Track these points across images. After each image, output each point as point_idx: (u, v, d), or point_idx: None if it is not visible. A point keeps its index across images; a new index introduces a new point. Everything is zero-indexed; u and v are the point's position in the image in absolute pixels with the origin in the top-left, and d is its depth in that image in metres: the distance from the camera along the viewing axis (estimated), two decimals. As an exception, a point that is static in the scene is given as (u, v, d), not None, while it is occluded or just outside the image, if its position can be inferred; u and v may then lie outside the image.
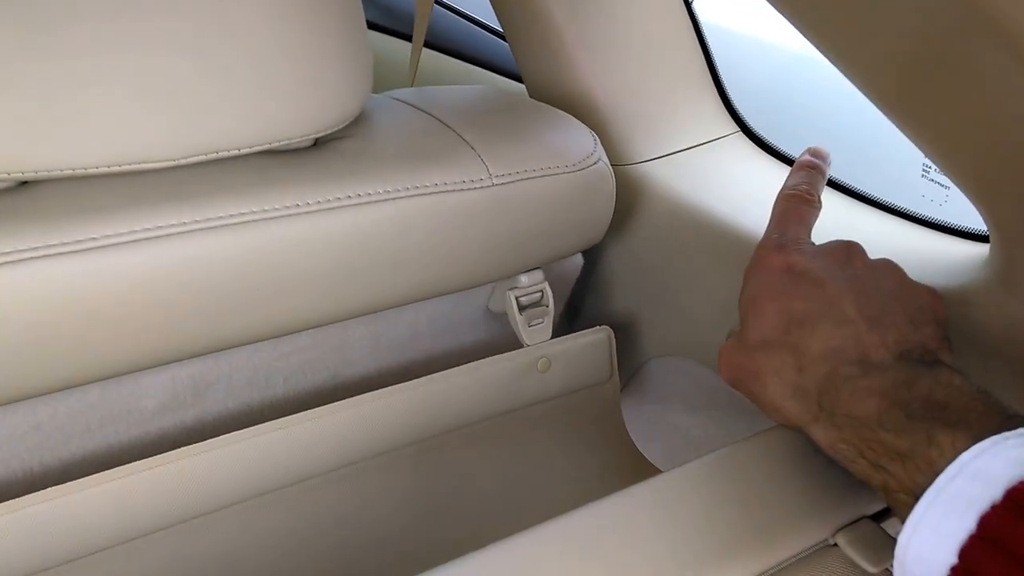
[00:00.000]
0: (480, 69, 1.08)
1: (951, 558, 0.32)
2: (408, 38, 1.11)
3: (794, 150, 0.73)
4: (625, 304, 0.75)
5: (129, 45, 0.43)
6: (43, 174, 0.43)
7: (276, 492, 0.54)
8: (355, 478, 0.56)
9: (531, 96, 0.76)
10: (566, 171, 0.59)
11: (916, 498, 0.34)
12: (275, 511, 0.54)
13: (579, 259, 0.71)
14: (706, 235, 0.66)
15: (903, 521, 0.35)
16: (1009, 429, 0.34)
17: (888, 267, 0.46)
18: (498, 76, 1.06)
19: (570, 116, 0.65)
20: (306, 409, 0.54)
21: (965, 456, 0.33)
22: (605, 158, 0.62)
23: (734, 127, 0.76)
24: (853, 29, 0.42)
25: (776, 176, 0.71)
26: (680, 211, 0.69)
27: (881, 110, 0.46)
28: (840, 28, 0.43)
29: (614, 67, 0.71)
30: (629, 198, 0.71)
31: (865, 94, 0.46)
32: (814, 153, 0.52)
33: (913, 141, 0.47)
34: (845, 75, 0.45)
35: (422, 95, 0.64)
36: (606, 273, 0.76)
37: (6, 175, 0.42)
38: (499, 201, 0.56)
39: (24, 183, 0.45)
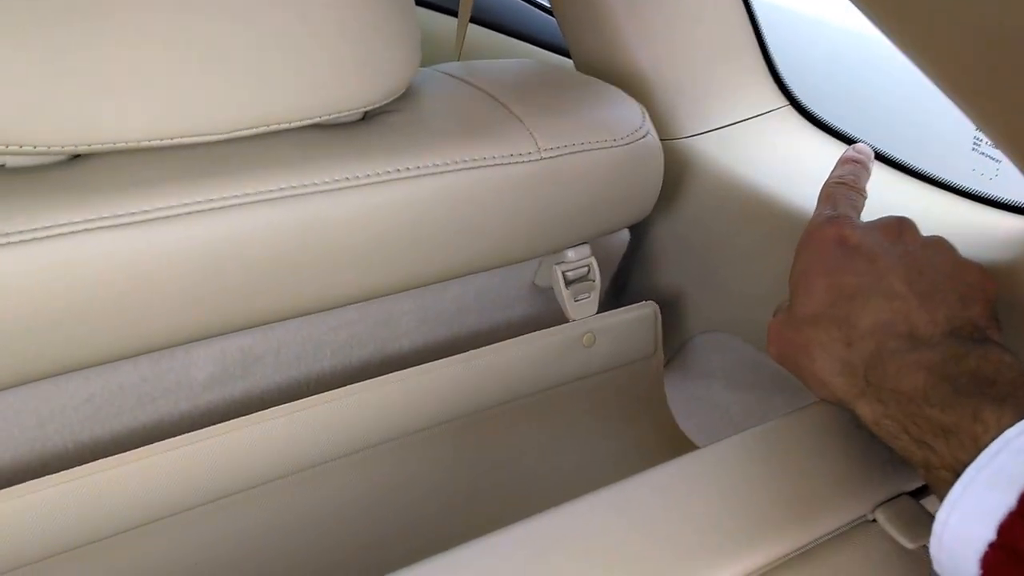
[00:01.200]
0: (525, 43, 1.08)
1: (989, 534, 0.31)
2: (454, 14, 1.11)
3: (845, 124, 0.72)
4: (671, 280, 0.75)
5: (180, 19, 0.44)
6: (96, 147, 0.44)
7: (323, 465, 0.54)
8: (401, 451, 0.57)
9: (578, 70, 0.76)
10: (615, 145, 0.58)
11: (958, 475, 0.34)
12: (322, 484, 0.54)
13: (626, 234, 0.71)
14: (755, 210, 0.66)
15: (942, 499, 0.35)
16: None
17: (940, 244, 0.45)
18: (543, 51, 1.06)
19: (618, 90, 0.65)
20: (352, 383, 0.54)
21: (1010, 432, 0.33)
22: (654, 132, 0.62)
23: (783, 101, 0.75)
24: (916, 6, 0.41)
25: (827, 151, 0.70)
26: (728, 186, 0.68)
27: (936, 84, 0.45)
28: (902, 5, 0.42)
29: (662, 40, 0.70)
30: (676, 173, 0.71)
31: (920, 68, 0.45)
32: (859, 150, 0.53)
33: (966, 114, 0.45)
34: (901, 50, 0.45)
35: (470, 69, 0.64)
36: (653, 248, 0.75)
37: (59, 148, 0.43)
38: (547, 175, 0.56)
39: (76, 156, 0.45)
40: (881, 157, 0.67)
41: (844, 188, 0.49)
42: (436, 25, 1.11)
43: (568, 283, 0.64)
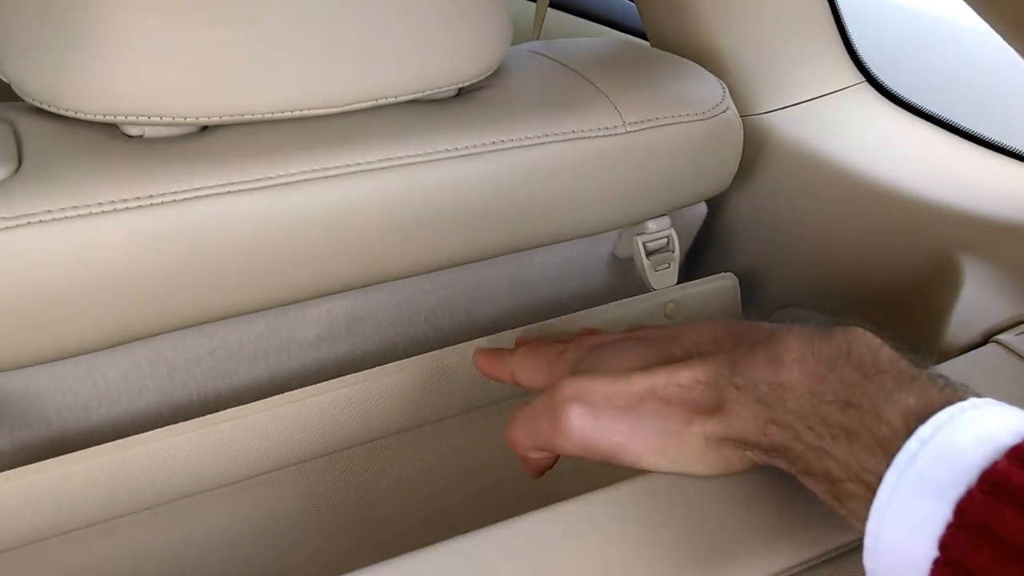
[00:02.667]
0: (599, 25, 1.10)
1: (932, 551, 0.29)
2: (530, -3, 1.14)
3: (922, 100, 0.73)
4: (747, 253, 0.77)
5: (301, 2, 0.47)
6: (225, 119, 0.47)
7: (426, 427, 0.57)
8: (482, 420, 0.59)
9: (654, 48, 0.78)
10: (696, 119, 0.61)
11: (867, 486, 0.31)
12: (426, 441, 0.57)
13: (703, 207, 0.73)
14: (833, 186, 0.67)
15: (853, 514, 0.32)
16: (951, 395, 0.31)
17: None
18: (617, 31, 1.08)
19: (697, 65, 0.67)
20: (444, 346, 0.57)
21: (923, 431, 0.30)
22: (734, 107, 0.64)
23: (859, 77, 0.76)
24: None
25: (904, 127, 0.71)
26: (806, 161, 0.70)
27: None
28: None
29: (739, 17, 0.72)
30: (752, 148, 0.72)
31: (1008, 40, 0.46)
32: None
33: None
34: (997, 30, 0.45)
35: (554, 47, 0.67)
36: (729, 222, 0.77)
37: (193, 119, 0.47)
38: (631, 148, 0.58)
39: (204, 128, 0.49)
40: (961, 132, 0.68)
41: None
42: (514, 8, 1.14)
43: (648, 254, 0.66)
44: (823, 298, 0.71)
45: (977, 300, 0.57)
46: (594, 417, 0.38)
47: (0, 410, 0.51)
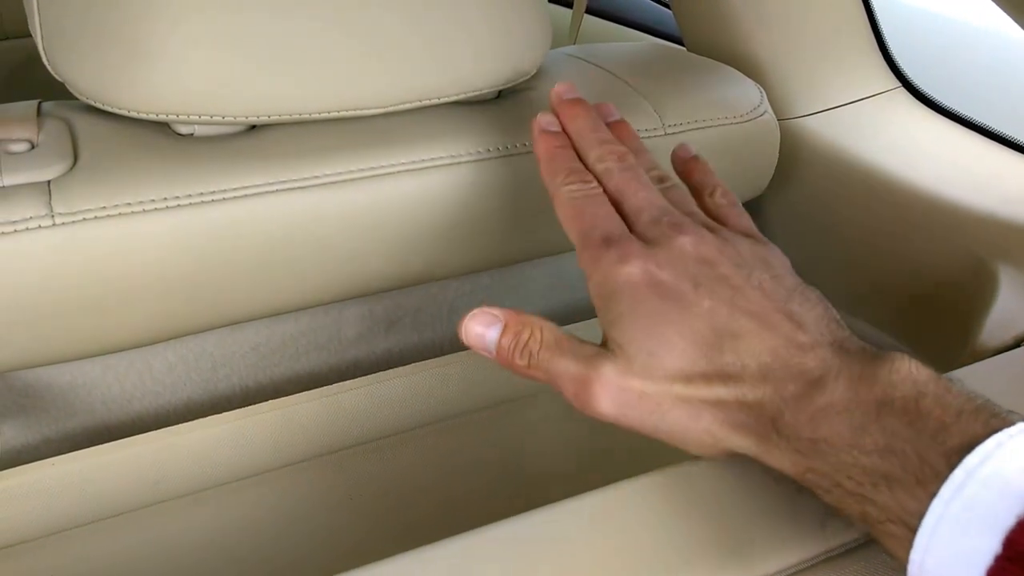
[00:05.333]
0: (633, 31, 1.11)
1: None
2: (565, 3, 1.14)
3: (958, 106, 0.73)
4: (781, 257, 0.77)
5: (349, 4, 0.48)
6: (273, 118, 0.48)
7: (460, 419, 0.58)
8: (532, 407, 0.60)
9: (691, 52, 0.78)
10: (734, 122, 0.61)
11: (908, 527, 0.30)
12: (461, 433, 0.58)
13: (739, 211, 0.73)
14: (869, 189, 0.67)
15: (892, 553, 0.31)
16: (997, 425, 0.30)
17: (730, 238, 0.41)
18: (651, 37, 1.09)
19: (734, 69, 0.67)
20: None
21: (970, 460, 0.29)
22: (771, 110, 0.64)
23: (895, 82, 0.76)
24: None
25: (942, 132, 0.71)
26: (842, 165, 0.70)
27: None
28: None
29: (775, 21, 0.72)
30: (788, 152, 0.72)
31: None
32: (557, 92, 0.49)
33: None
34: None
35: (592, 51, 0.67)
36: (763, 225, 0.77)
37: (243, 119, 0.48)
38: (671, 150, 0.59)
39: (253, 127, 0.50)
40: (998, 138, 0.68)
41: (566, 155, 0.46)
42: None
43: (684, 256, 0.66)
44: (856, 302, 0.71)
45: (1012, 306, 0.57)
46: (621, 412, 0.37)
47: (48, 402, 0.52)
